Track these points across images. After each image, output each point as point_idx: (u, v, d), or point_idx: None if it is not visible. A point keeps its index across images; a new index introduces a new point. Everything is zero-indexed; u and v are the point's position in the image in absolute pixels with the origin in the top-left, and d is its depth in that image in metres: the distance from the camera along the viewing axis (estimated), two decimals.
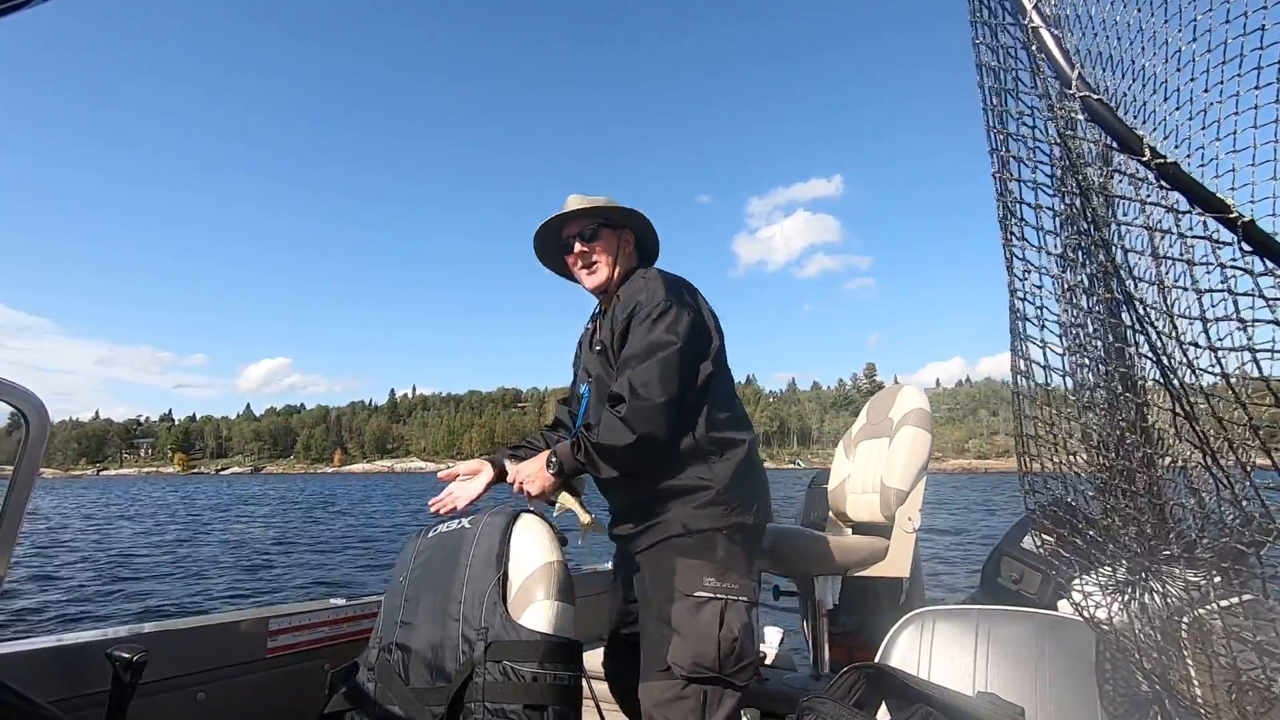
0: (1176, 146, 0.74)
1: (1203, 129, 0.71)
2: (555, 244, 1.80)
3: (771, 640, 2.74)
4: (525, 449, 1.80)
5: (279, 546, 14.36)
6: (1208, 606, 0.79)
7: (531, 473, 1.62)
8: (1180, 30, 0.71)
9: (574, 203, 1.75)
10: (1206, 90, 0.69)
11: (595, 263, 1.73)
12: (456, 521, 1.60)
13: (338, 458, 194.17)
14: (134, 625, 1.82)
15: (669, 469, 1.56)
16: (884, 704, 1.11)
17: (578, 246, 1.73)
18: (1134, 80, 0.75)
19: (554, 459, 1.59)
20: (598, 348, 1.70)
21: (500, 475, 1.73)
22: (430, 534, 1.63)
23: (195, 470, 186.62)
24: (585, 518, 1.66)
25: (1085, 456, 0.80)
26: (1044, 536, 0.96)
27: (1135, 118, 0.78)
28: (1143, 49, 0.74)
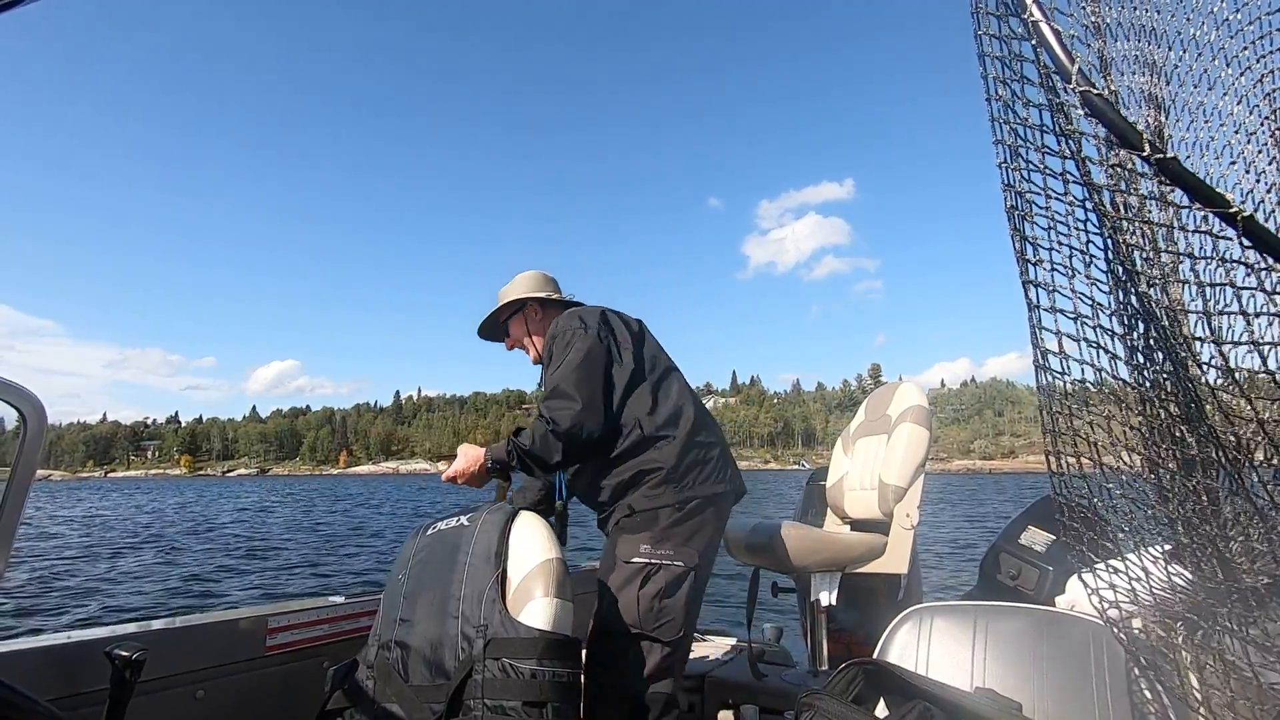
0: (1250, 112, 0.75)
1: (1267, 95, 0.71)
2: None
3: (770, 636, 2.74)
4: None
5: (278, 544, 14.36)
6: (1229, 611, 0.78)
7: (466, 466, 1.80)
8: (1222, 1, 0.72)
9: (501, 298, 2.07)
10: (1260, 59, 0.70)
11: (522, 347, 2.06)
12: (455, 519, 1.60)
13: (343, 459, 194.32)
14: (133, 624, 1.82)
15: (619, 464, 1.77)
16: (882, 700, 1.11)
17: (508, 344, 2.10)
18: (1184, 50, 0.76)
19: (491, 460, 1.78)
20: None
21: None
22: (429, 531, 1.63)
23: (201, 472, 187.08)
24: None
25: (1125, 457, 0.79)
26: (1068, 535, 0.94)
27: (1197, 86, 0.78)
28: (1187, 19, 0.74)
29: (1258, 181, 0.77)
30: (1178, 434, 0.70)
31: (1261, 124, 0.76)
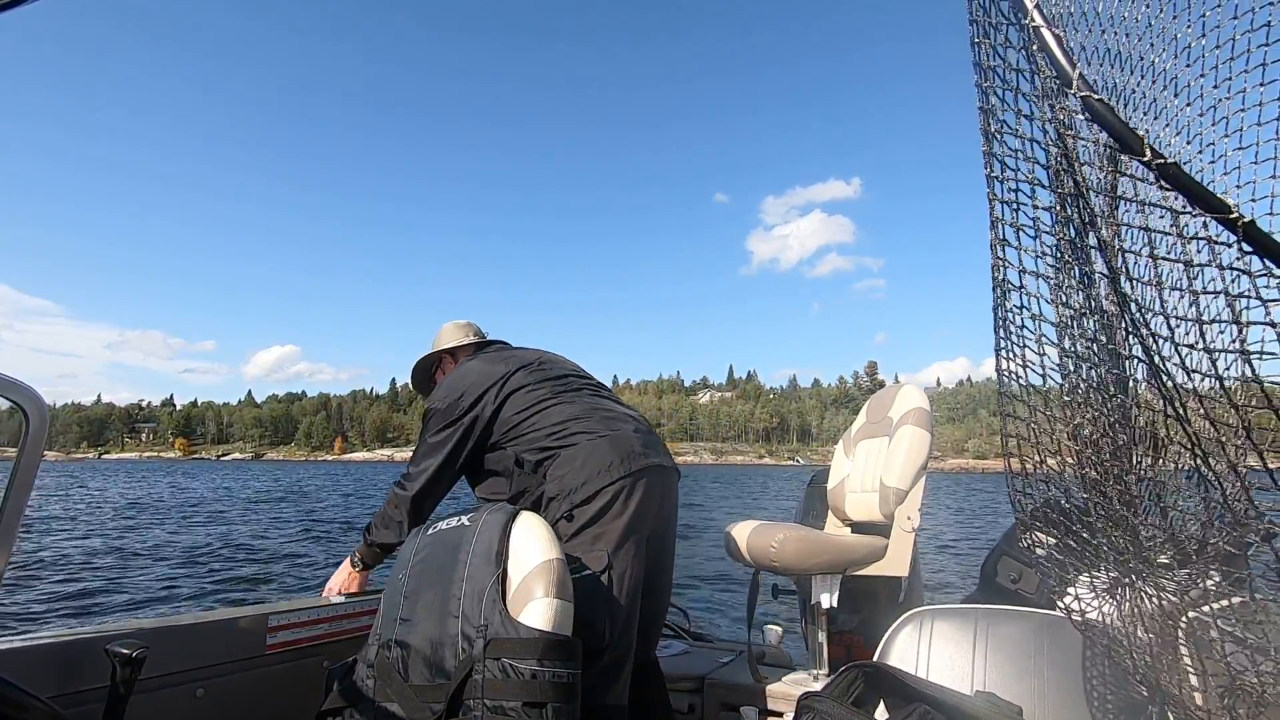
0: (1188, 142, 0.76)
1: (1213, 125, 0.72)
2: None
3: (770, 638, 2.74)
4: None
5: (279, 540, 14.37)
6: (1203, 609, 0.79)
7: (343, 578, 2.08)
8: (1189, 26, 0.72)
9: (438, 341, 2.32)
10: (1216, 86, 0.70)
11: None
12: (455, 519, 1.60)
13: (338, 445, 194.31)
14: (133, 621, 1.82)
15: (521, 501, 1.87)
16: (882, 703, 1.11)
17: None
18: (1143, 76, 0.76)
19: (356, 559, 2.07)
20: None
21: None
22: (430, 530, 1.63)
23: (196, 456, 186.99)
24: None
25: (1073, 458, 0.80)
26: (1034, 537, 0.96)
27: (1145, 114, 0.79)
28: (1151, 45, 0.74)
29: None
30: (1149, 439, 0.70)
31: (1197, 155, 0.76)
